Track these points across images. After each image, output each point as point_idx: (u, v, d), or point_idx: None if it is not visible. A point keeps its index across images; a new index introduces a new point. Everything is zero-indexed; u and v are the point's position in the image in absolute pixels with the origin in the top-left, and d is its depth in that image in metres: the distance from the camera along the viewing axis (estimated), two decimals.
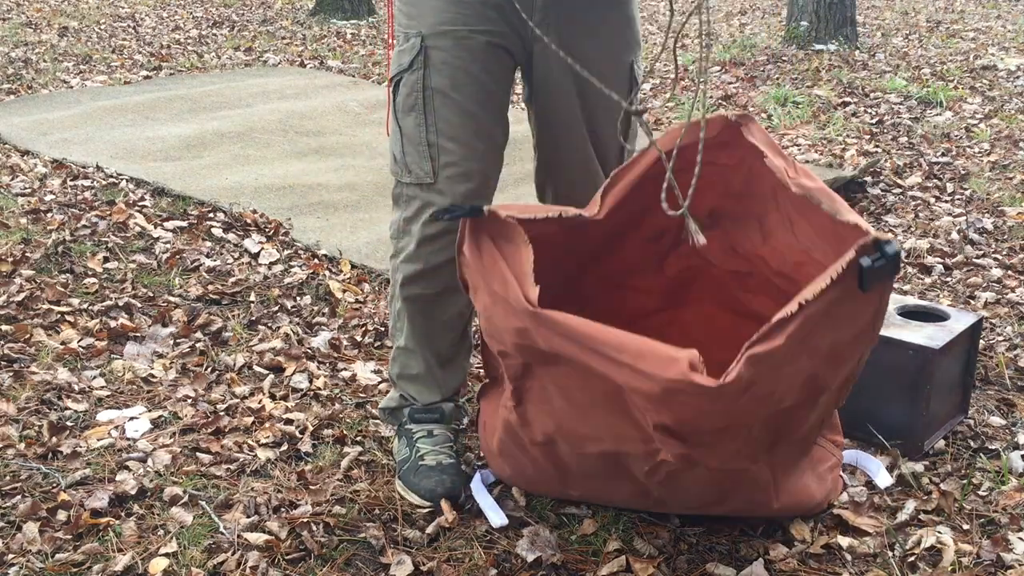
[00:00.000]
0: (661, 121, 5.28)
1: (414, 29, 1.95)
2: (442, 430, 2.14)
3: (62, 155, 4.32)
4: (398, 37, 1.99)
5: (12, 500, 2.00)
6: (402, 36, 1.97)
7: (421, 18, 1.93)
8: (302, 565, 1.86)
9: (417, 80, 1.94)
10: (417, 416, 2.14)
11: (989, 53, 6.78)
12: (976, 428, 2.35)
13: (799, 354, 1.49)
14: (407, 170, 1.99)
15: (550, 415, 1.74)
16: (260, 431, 2.29)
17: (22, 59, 6.44)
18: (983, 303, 3.04)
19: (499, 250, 1.75)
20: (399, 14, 1.99)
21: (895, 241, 1.47)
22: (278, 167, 4.22)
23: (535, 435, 1.79)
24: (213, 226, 3.53)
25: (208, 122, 4.96)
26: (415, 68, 1.94)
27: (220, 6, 9.10)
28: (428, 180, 1.97)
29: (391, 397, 2.20)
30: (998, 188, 4.12)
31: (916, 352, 2.19)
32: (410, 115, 1.96)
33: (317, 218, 3.66)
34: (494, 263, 1.74)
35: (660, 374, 1.48)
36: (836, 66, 6.32)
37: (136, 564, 1.84)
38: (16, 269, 3.05)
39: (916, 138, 4.89)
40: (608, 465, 1.74)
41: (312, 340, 2.75)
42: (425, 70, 1.93)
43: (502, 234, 1.77)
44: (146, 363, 2.60)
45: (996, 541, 1.92)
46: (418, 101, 1.95)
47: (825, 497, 1.92)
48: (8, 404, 2.35)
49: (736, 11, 8.87)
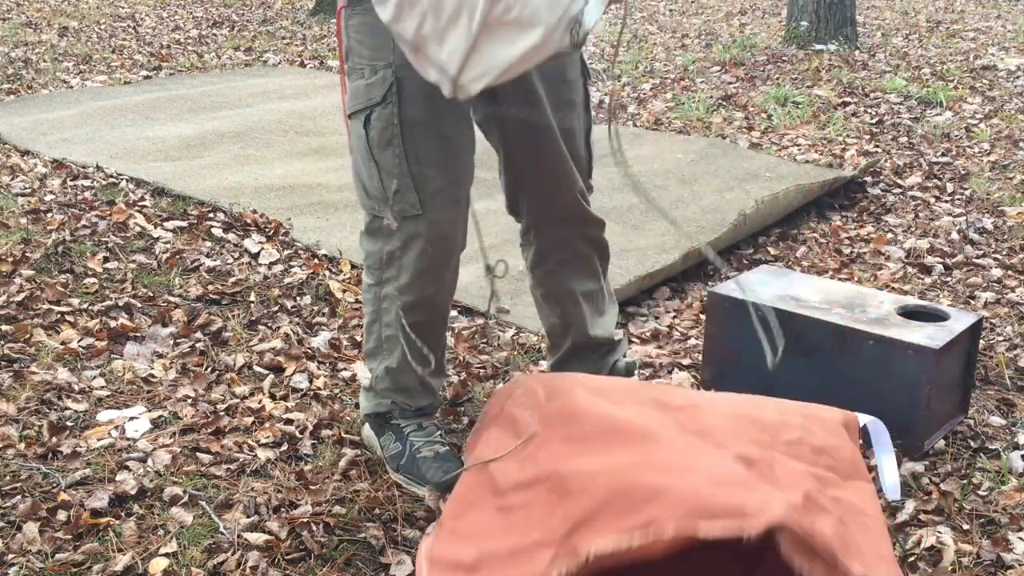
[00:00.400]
0: (661, 121, 5.28)
1: (382, 61, 1.91)
2: (431, 422, 2.16)
3: (62, 155, 4.32)
4: (361, 70, 1.94)
5: (12, 500, 2.00)
6: (367, 69, 1.93)
7: (388, 49, 1.89)
8: (302, 565, 1.86)
9: (392, 114, 1.91)
10: (407, 413, 2.15)
11: (989, 53, 6.78)
12: (976, 428, 2.35)
13: None
14: (388, 204, 1.96)
15: None
16: (260, 431, 2.29)
17: (22, 59, 6.44)
18: (983, 303, 3.04)
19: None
20: (358, 46, 1.94)
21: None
22: (278, 167, 4.22)
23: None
24: (213, 226, 3.53)
25: (208, 122, 4.96)
26: (388, 101, 1.91)
27: (220, 6, 9.10)
28: (416, 212, 1.95)
29: (379, 404, 2.18)
30: (998, 188, 4.12)
31: (916, 352, 2.20)
32: (387, 150, 1.93)
33: (317, 218, 3.66)
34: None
35: None
36: (836, 66, 6.32)
37: (136, 564, 1.84)
38: (16, 269, 3.05)
39: (916, 138, 4.89)
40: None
41: (312, 340, 2.75)
42: (400, 102, 1.91)
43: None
44: (146, 363, 2.60)
45: (996, 541, 1.92)
46: (395, 135, 1.92)
47: None
48: (8, 404, 2.35)
49: (736, 11, 8.87)
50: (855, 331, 2.28)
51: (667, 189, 4.01)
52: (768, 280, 2.58)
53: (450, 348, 2.72)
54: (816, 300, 2.44)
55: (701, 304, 3.02)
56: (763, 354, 2.44)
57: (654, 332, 2.87)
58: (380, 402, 2.17)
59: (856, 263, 3.40)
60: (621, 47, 7.22)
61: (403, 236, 1.98)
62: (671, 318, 2.98)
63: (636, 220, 3.68)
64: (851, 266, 3.36)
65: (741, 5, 9.14)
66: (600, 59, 6.83)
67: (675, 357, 2.72)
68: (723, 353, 2.52)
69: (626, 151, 4.55)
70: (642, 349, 2.75)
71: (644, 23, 8.33)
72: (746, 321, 2.45)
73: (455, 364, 2.64)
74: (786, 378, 2.41)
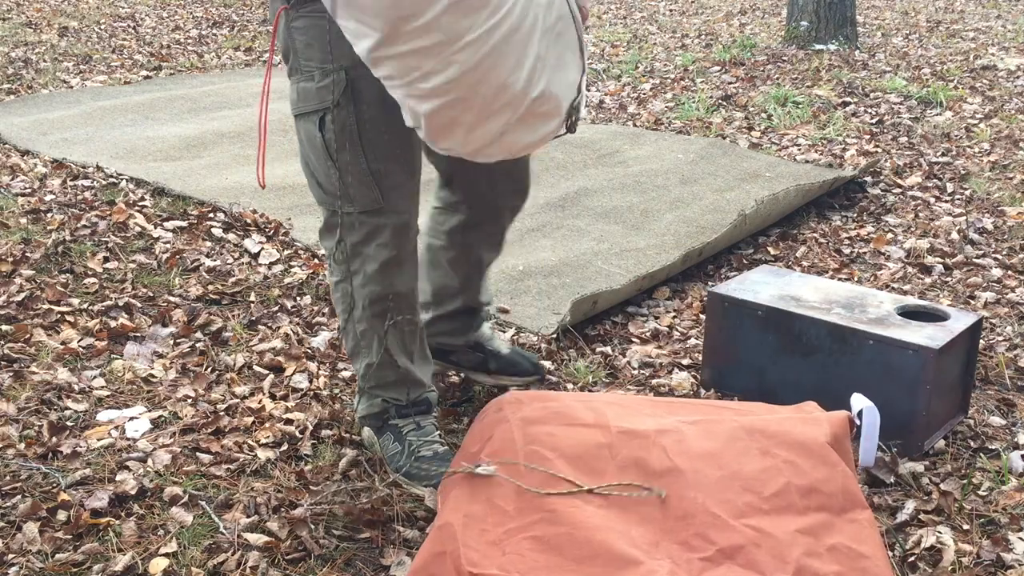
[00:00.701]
0: (661, 121, 5.28)
1: (334, 63, 1.92)
2: (429, 421, 2.16)
3: (62, 155, 4.32)
4: (310, 72, 1.95)
5: (12, 500, 2.00)
6: (317, 72, 1.94)
7: (339, 51, 1.89)
8: (302, 565, 1.86)
9: (348, 115, 1.94)
10: (404, 411, 2.15)
11: (989, 53, 6.78)
12: (976, 428, 2.36)
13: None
14: (349, 200, 1.99)
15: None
16: (260, 431, 2.29)
17: (22, 59, 6.44)
18: (983, 303, 3.04)
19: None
20: (305, 48, 1.95)
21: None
22: (278, 167, 4.22)
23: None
24: (213, 226, 3.53)
25: (208, 122, 4.96)
26: (343, 104, 1.93)
27: (220, 6, 9.10)
28: (377, 206, 1.99)
29: (372, 404, 2.18)
30: (998, 188, 4.12)
31: (916, 352, 2.20)
32: (345, 150, 1.95)
33: (317, 218, 3.64)
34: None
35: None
36: (836, 66, 6.32)
37: (136, 564, 1.84)
38: (16, 269, 3.05)
39: (916, 138, 4.89)
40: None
41: (312, 340, 2.75)
42: (356, 104, 1.93)
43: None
44: (146, 363, 2.60)
45: (996, 541, 1.92)
46: (353, 135, 1.94)
47: None
48: (8, 404, 2.35)
49: (736, 11, 8.87)
50: (855, 331, 2.28)
51: (667, 189, 4.01)
52: (768, 280, 2.58)
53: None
54: (816, 300, 2.44)
55: (701, 304, 3.02)
56: (763, 354, 2.44)
57: (654, 332, 2.88)
58: (372, 402, 2.17)
59: (856, 263, 3.40)
60: (620, 47, 7.23)
61: (366, 229, 2.01)
62: (671, 318, 2.98)
63: (636, 220, 3.68)
64: (851, 266, 3.36)
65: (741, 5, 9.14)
66: (600, 59, 6.83)
67: (675, 357, 2.72)
68: (723, 353, 2.52)
69: (626, 151, 4.55)
70: (642, 349, 2.75)
71: (644, 23, 8.33)
72: (746, 321, 2.46)
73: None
74: (786, 378, 2.41)
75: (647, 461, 1.78)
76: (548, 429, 1.86)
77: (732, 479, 1.75)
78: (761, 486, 1.73)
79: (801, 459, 1.77)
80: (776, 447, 1.79)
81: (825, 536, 1.68)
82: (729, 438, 1.82)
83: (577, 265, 3.28)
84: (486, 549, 1.66)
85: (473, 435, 1.95)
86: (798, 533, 1.67)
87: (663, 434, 1.83)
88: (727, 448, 1.80)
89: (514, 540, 1.68)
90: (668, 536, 1.68)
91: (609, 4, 9.34)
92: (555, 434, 1.85)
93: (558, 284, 3.13)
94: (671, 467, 1.77)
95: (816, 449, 1.79)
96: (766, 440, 1.81)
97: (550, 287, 3.12)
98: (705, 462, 1.78)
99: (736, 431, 1.84)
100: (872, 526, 1.72)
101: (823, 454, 1.78)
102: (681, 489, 1.73)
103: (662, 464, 1.77)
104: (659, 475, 1.76)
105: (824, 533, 1.68)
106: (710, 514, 1.69)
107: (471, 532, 1.68)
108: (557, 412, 1.90)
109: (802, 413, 1.95)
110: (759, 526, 1.67)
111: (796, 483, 1.74)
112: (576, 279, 3.15)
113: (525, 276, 3.20)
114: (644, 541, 1.67)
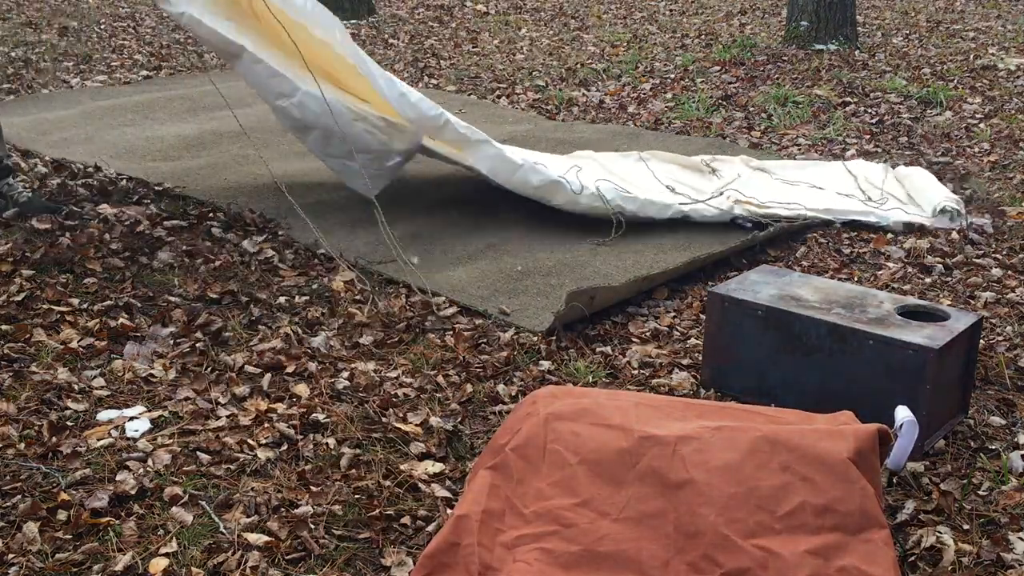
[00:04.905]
0: (661, 121, 5.28)
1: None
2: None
3: (62, 155, 4.32)
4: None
5: (12, 500, 2.00)
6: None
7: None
8: (302, 565, 1.86)
9: None
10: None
11: (989, 53, 6.78)
12: (976, 428, 2.35)
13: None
14: None
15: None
16: (260, 431, 2.29)
17: (22, 59, 6.44)
18: (983, 303, 3.04)
19: None
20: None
21: None
22: (278, 167, 4.22)
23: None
24: (213, 226, 3.53)
25: (208, 122, 4.96)
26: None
27: None
28: None
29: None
30: (998, 188, 4.12)
31: (916, 352, 2.20)
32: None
33: (317, 218, 3.66)
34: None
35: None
36: (836, 66, 6.32)
37: (136, 564, 1.84)
38: (16, 269, 3.05)
39: (916, 138, 4.88)
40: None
41: (312, 340, 2.75)
42: None
43: None
44: (146, 363, 2.60)
45: (996, 541, 1.92)
46: None
47: None
48: (8, 404, 2.35)
49: (736, 11, 8.86)
50: (855, 331, 2.28)
51: None
52: (768, 280, 2.58)
53: (450, 348, 2.72)
54: (816, 300, 2.44)
55: (701, 304, 3.02)
56: (763, 354, 2.44)
57: (654, 332, 2.87)
58: None
59: (856, 263, 3.40)
60: (620, 47, 7.22)
61: None
62: (671, 318, 2.97)
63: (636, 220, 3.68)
64: (851, 266, 3.36)
65: (741, 5, 9.13)
66: (600, 59, 6.82)
67: (675, 357, 2.72)
68: (723, 353, 2.52)
69: (626, 151, 4.55)
70: (642, 349, 2.75)
71: (644, 23, 8.33)
72: (746, 321, 2.45)
73: (455, 364, 2.64)
74: (786, 377, 2.41)
75: (665, 473, 1.79)
76: (574, 428, 1.88)
77: (747, 496, 1.75)
78: (775, 504, 1.74)
79: (820, 476, 1.76)
80: (796, 462, 1.78)
81: (835, 557, 1.68)
82: (750, 450, 1.81)
83: (576, 265, 3.28)
84: (498, 551, 1.71)
85: (505, 427, 1.97)
86: (807, 554, 1.67)
87: (684, 441, 1.83)
88: (747, 461, 1.80)
89: (525, 547, 1.72)
90: (678, 556, 1.70)
91: (609, 4, 9.34)
92: (580, 434, 1.87)
93: (556, 284, 3.13)
94: (687, 479, 1.78)
95: (836, 465, 1.78)
96: (787, 454, 1.79)
97: (548, 287, 3.12)
98: (722, 476, 1.78)
99: (758, 442, 1.82)
100: (887, 546, 1.71)
101: (843, 471, 1.77)
102: (695, 505, 1.74)
103: (679, 476, 1.78)
104: (675, 487, 1.77)
105: (835, 554, 1.68)
106: (720, 535, 1.70)
107: (487, 530, 1.73)
108: (586, 410, 1.92)
109: (834, 424, 1.92)
110: (768, 546, 1.68)
111: (812, 502, 1.74)
112: (575, 279, 3.15)
113: (524, 276, 3.21)
114: (654, 562, 1.69)
